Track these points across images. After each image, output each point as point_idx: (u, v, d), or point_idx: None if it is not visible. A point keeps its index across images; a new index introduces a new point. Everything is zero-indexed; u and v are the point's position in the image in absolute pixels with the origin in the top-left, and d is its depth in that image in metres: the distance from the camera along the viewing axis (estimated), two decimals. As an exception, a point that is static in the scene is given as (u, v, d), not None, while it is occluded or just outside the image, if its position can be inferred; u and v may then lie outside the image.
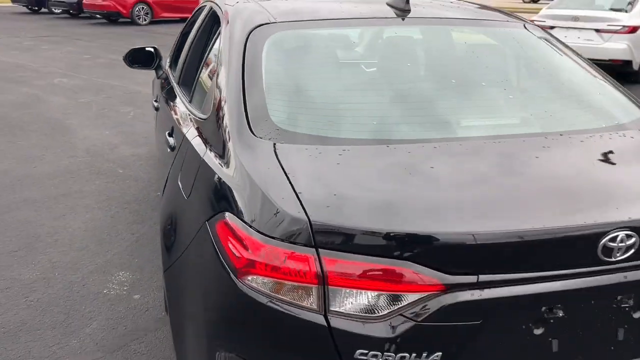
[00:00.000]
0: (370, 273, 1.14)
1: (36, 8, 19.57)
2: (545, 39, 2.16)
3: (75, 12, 17.77)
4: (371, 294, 1.16)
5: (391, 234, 1.14)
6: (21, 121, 5.83)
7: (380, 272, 1.14)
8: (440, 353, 1.18)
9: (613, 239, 1.20)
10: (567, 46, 2.18)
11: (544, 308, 1.23)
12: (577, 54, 2.14)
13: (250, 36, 1.85)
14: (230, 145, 1.47)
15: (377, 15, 2.05)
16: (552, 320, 1.24)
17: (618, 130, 1.65)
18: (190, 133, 1.85)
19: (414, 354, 1.17)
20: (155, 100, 3.25)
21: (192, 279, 1.46)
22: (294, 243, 1.15)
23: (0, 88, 7.43)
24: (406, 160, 1.38)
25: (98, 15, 16.99)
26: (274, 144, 1.43)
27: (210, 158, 1.56)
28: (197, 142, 1.74)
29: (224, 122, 1.56)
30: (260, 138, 1.46)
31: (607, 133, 1.62)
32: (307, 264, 1.15)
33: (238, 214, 1.27)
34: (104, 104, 6.70)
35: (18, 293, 2.77)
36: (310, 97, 1.69)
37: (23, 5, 19.73)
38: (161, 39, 12.40)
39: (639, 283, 1.27)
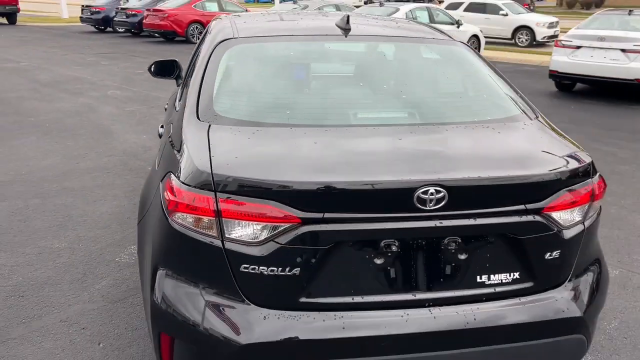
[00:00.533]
0: (251, 210, 1.61)
1: (102, 27, 21.06)
2: (459, 53, 2.59)
3: (137, 31, 19.06)
4: (252, 225, 1.63)
5: (265, 182, 1.61)
6: (73, 126, 6.62)
7: (258, 209, 1.61)
8: (299, 269, 1.64)
9: (425, 192, 1.62)
10: (482, 58, 2.60)
11: (382, 243, 1.66)
12: (489, 65, 2.55)
13: (215, 48, 2.39)
14: (182, 126, 1.98)
15: (322, 32, 2.55)
16: (389, 254, 1.67)
17: (481, 124, 2.06)
18: (167, 123, 2.39)
19: (279, 269, 1.63)
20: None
21: (149, 226, 1.97)
22: (201, 189, 1.65)
23: (59, 98, 8.35)
24: (299, 138, 1.85)
25: (156, 34, 18.20)
26: (209, 124, 1.93)
27: (171, 138, 2.08)
28: (167, 129, 2.28)
29: (184, 111, 2.08)
30: (202, 121, 1.97)
31: (471, 125, 2.04)
32: (208, 203, 1.63)
33: (175, 173, 1.77)
34: (146, 113, 7.45)
35: (47, 257, 3.38)
36: (247, 93, 2.20)
37: (91, 25, 21.31)
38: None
39: (456, 230, 1.69)
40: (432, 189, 1.62)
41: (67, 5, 28.02)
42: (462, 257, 1.74)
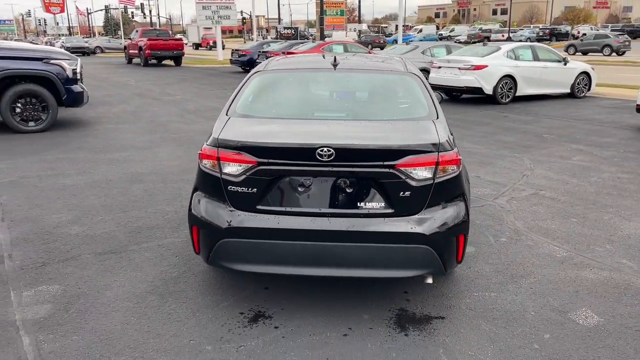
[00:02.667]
0: (233, 157, 3.09)
1: (247, 68, 24.23)
2: (404, 80, 3.87)
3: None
4: (234, 165, 3.10)
5: (241, 143, 3.07)
6: (200, 141, 8.68)
7: (236, 157, 3.08)
8: (256, 189, 3.07)
9: (322, 150, 2.97)
10: (421, 84, 3.85)
11: (302, 178, 3.04)
12: (423, 88, 3.80)
13: (250, 76, 3.98)
14: (218, 118, 3.55)
15: (318, 66, 4.03)
16: (306, 185, 3.04)
17: (387, 121, 3.36)
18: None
19: (246, 189, 3.06)
20: None
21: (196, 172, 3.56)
22: (212, 147, 3.16)
23: (197, 121, 10.64)
24: (271, 123, 3.31)
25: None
26: (229, 117, 3.48)
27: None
28: None
29: (221, 111, 3.66)
30: (227, 115, 3.52)
31: (378, 121, 3.36)
32: (214, 154, 3.15)
33: (206, 141, 3.32)
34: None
35: (160, 214, 5.16)
36: (257, 101, 3.73)
37: (238, 66, 24.65)
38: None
39: (342, 173, 3.00)
40: (325, 149, 2.99)
41: (222, 50, 32.29)
42: (349, 190, 3.06)
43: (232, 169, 3.13)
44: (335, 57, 4.02)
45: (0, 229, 4.75)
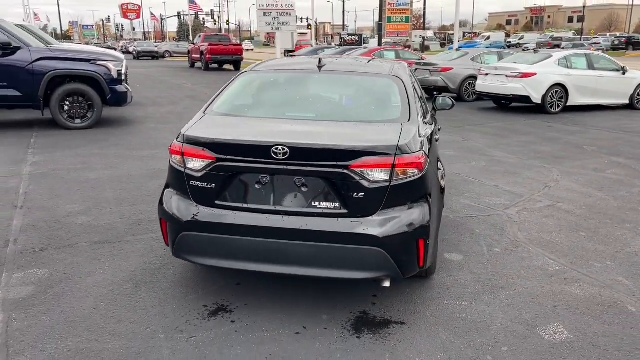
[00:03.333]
0: (195, 152, 3.18)
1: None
2: (384, 83, 3.84)
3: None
4: (197, 161, 3.19)
5: (202, 139, 3.15)
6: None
7: (198, 152, 3.17)
8: (214, 185, 3.14)
9: (276, 148, 3.00)
10: (402, 87, 3.80)
11: (259, 176, 3.08)
12: (403, 92, 3.75)
13: (238, 76, 4.07)
14: (195, 116, 3.67)
15: (306, 68, 4.07)
16: (262, 182, 3.08)
17: (356, 122, 3.35)
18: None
19: (206, 184, 3.13)
20: None
21: None
22: (179, 142, 3.27)
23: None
24: (238, 121, 3.38)
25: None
26: (205, 115, 3.58)
27: None
28: None
29: (202, 111, 3.77)
30: (204, 114, 3.62)
31: (347, 122, 3.35)
32: (180, 149, 3.25)
33: (176, 138, 3.44)
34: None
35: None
36: (237, 100, 3.80)
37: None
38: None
39: (296, 172, 3.02)
40: (280, 147, 3.02)
41: (281, 55, 32.82)
42: (304, 189, 3.08)
43: (194, 164, 3.22)
44: (320, 60, 4.05)
45: (17, 215, 5.08)
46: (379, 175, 3.05)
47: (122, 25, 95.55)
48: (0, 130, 9.78)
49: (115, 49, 64.45)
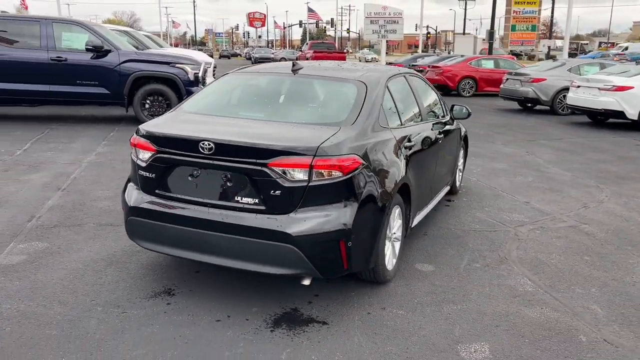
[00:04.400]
0: (142, 144, 3.43)
1: (401, 81, 24.39)
2: (348, 88, 3.85)
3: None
4: (144, 153, 3.45)
5: (148, 133, 3.40)
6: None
7: (144, 144, 3.40)
8: (154, 175, 3.37)
9: (203, 144, 3.18)
10: (363, 93, 3.78)
11: (190, 168, 3.29)
12: (363, 97, 3.74)
13: (220, 76, 4.32)
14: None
15: (282, 71, 4.22)
16: (197, 175, 3.27)
17: (300, 123, 3.42)
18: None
19: (149, 174, 3.38)
20: None
21: None
22: (135, 134, 3.58)
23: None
24: (196, 119, 3.61)
25: (433, 87, 20.39)
26: (172, 112, 3.86)
27: None
28: None
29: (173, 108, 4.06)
30: (172, 111, 3.91)
31: (290, 123, 3.44)
32: (134, 141, 3.54)
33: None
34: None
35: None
36: (207, 98, 4.02)
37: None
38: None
39: (221, 167, 3.17)
40: (206, 143, 3.21)
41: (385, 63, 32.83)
42: (229, 184, 3.23)
43: (142, 155, 3.51)
44: (294, 63, 4.17)
45: (55, 196, 5.75)
46: (297, 175, 3.12)
47: (248, 33, 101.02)
48: (93, 123, 10.94)
49: (237, 54, 67.67)
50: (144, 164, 3.48)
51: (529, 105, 15.86)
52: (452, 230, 5.09)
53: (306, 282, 3.31)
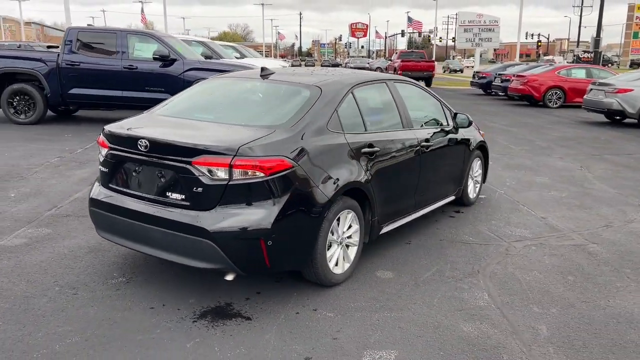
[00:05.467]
0: (102, 141, 3.73)
1: (488, 91, 23.55)
2: (301, 92, 3.94)
3: (505, 95, 20.83)
4: (103, 149, 3.73)
5: (106, 130, 3.71)
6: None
7: (103, 142, 3.72)
8: (107, 169, 3.67)
9: (140, 142, 3.41)
10: (312, 98, 3.83)
11: (132, 164, 3.53)
12: (314, 100, 3.79)
13: (200, 81, 4.58)
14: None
15: (252, 77, 4.38)
16: (138, 171, 3.51)
17: (239, 125, 3.56)
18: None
19: (104, 169, 3.69)
20: None
21: None
22: (102, 135, 3.89)
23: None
24: (162, 119, 3.89)
25: (516, 97, 19.51)
26: (144, 114, 4.16)
27: None
28: None
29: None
30: (145, 112, 4.21)
31: (230, 124, 3.60)
32: (98, 140, 3.87)
33: None
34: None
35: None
36: (177, 101, 4.27)
37: (477, 88, 24.21)
38: (553, 121, 14.10)
39: (154, 163, 3.40)
40: (143, 141, 3.45)
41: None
42: (163, 180, 3.44)
43: (102, 151, 3.83)
44: (263, 69, 4.34)
45: (84, 189, 6.31)
46: (218, 173, 3.27)
47: (350, 44, 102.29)
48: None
49: (338, 64, 68.65)
50: (102, 160, 3.81)
51: (617, 118, 14.70)
52: (439, 241, 4.95)
53: (229, 277, 3.44)
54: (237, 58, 12.75)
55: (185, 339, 3.17)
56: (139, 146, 3.47)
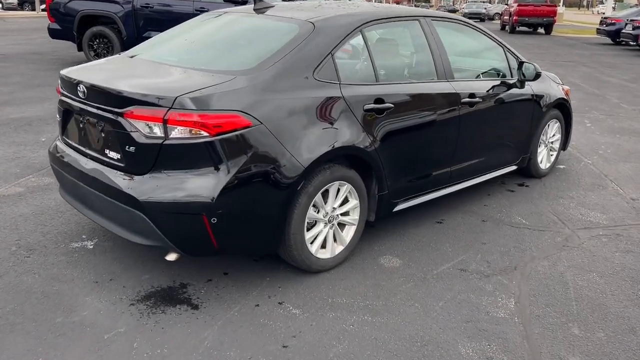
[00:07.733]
0: (58, 88, 3.26)
1: (618, 39, 20.56)
2: (287, 27, 3.19)
3: (635, 45, 18.02)
4: (60, 97, 3.28)
5: (64, 77, 3.11)
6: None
7: (58, 88, 3.24)
8: (60, 119, 3.17)
9: (78, 87, 2.84)
10: (307, 34, 3.01)
11: (77, 115, 2.98)
12: (299, 38, 2.97)
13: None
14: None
15: (244, 11, 3.62)
16: (83, 122, 2.96)
17: (200, 70, 2.84)
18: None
19: (59, 118, 3.23)
20: None
21: None
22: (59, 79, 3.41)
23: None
24: (122, 61, 3.26)
25: (647, 48, 16.75)
26: (113, 56, 3.58)
27: None
28: None
29: None
30: (117, 54, 3.62)
31: (188, 68, 2.90)
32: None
33: None
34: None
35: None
36: (151, 42, 3.61)
37: (604, 36, 21.24)
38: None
39: (91, 113, 2.80)
40: (81, 85, 2.87)
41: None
42: (102, 134, 2.83)
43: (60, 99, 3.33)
44: (255, 1, 3.56)
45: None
46: (151, 130, 2.62)
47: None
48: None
49: (455, 10, 64.75)
50: (57, 111, 3.31)
51: None
52: (481, 222, 4.00)
53: (170, 257, 2.83)
54: None
55: (107, 327, 2.64)
56: (78, 92, 2.91)
